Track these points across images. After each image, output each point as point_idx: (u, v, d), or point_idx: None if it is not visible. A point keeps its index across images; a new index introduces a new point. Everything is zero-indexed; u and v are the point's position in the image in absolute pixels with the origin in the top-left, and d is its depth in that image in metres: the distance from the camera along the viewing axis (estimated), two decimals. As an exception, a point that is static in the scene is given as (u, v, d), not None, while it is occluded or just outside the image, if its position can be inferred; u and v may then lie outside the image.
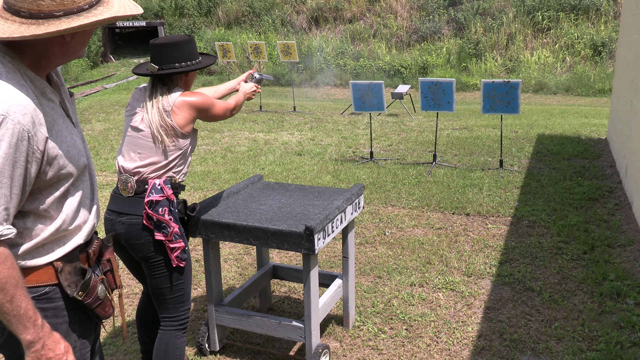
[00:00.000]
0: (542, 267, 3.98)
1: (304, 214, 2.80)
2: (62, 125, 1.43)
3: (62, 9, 1.29)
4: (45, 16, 1.28)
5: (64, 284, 1.48)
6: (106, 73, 18.83)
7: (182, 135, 2.38)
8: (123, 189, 2.36)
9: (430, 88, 6.65)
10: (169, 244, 2.35)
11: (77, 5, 1.31)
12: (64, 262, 1.48)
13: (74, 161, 1.45)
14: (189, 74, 2.47)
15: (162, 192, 2.34)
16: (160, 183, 2.35)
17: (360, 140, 8.53)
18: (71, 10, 1.31)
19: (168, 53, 2.37)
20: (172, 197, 2.37)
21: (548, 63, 15.35)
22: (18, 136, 1.27)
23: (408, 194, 5.75)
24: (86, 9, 1.33)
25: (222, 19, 19.90)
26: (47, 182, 1.40)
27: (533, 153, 7.32)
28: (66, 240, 1.49)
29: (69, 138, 1.45)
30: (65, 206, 1.47)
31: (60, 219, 1.46)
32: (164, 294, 2.43)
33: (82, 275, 1.53)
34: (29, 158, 1.31)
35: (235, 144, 8.43)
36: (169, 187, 2.36)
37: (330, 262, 4.19)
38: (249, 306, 3.59)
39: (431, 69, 16.07)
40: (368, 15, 18.43)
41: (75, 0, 1.31)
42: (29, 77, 1.37)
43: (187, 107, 2.36)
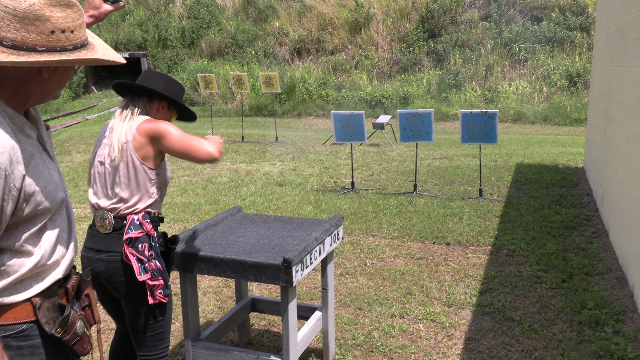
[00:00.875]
0: (521, 296, 3.99)
1: (282, 246, 2.79)
2: (39, 161, 1.43)
3: (46, 45, 1.31)
4: (27, 49, 1.30)
5: (42, 320, 1.45)
6: (88, 104, 18.79)
7: (145, 167, 2.27)
8: (100, 225, 2.29)
9: (409, 119, 6.75)
10: (149, 282, 2.28)
11: (61, 45, 1.34)
12: (42, 298, 1.46)
13: (51, 196, 1.44)
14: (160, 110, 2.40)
15: (141, 228, 2.27)
16: (139, 218, 2.28)
17: (342, 170, 8.58)
18: (54, 48, 1.33)
19: (156, 79, 2.37)
20: (152, 232, 2.30)
21: (526, 93, 15.69)
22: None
23: (389, 223, 5.77)
24: (70, 49, 1.35)
25: (205, 50, 20.09)
26: (24, 218, 1.39)
27: (512, 182, 7.41)
28: (44, 276, 1.47)
29: (47, 173, 1.45)
30: (42, 241, 1.45)
31: (38, 255, 1.44)
32: (143, 331, 2.36)
33: (61, 311, 1.50)
34: (5, 196, 1.31)
35: (217, 174, 8.41)
36: (148, 222, 2.30)
37: (310, 293, 4.15)
38: (228, 340, 3.53)
39: (412, 100, 16.32)
40: (349, 47, 18.75)
41: (60, 39, 1.33)
42: (7, 113, 1.38)
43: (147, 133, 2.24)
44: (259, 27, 20.04)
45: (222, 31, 20.19)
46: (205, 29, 20.24)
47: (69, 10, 1.35)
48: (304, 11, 19.73)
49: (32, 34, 1.30)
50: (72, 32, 1.36)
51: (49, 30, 1.32)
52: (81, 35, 1.39)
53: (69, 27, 1.35)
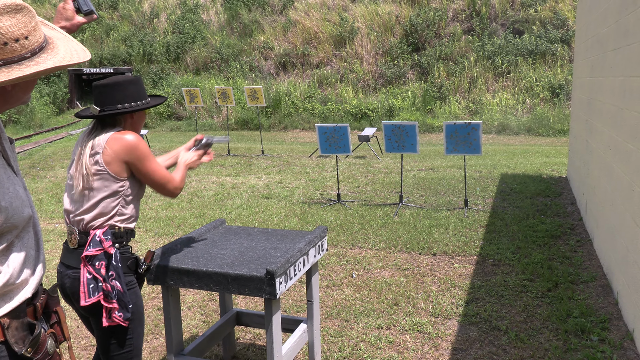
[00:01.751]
0: (507, 305, 3.99)
1: (265, 258, 2.76)
2: (3, 176, 1.38)
3: (2, 58, 1.23)
4: None
5: (11, 340, 1.40)
6: (72, 119, 18.65)
7: (115, 178, 2.20)
8: (69, 240, 2.25)
9: (394, 131, 6.77)
10: (104, 304, 2.18)
11: (17, 54, 1.25)
12: (10, 318, 1.40)
13: (17, 213, 1.39)
14: (134, 115, 2.34)
15: (100, 245, 2.19)
16: (99, 235, 2.20)
17: (328, 182, 8.57)
18: (11, 60, 1.24)
19: (110, 94, 2.25)
20: (111, 250, 2.20)
21: (509, 105, 15.87)
22: None
23: (375, 235, 5.76)
24: (28, 57, 1.27)
25: (190, 65, 20.09)
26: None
27: (497, 192, 7.46)
28: (13, 295, 1.42)
29: (12, 189, 1.39)
30: (10, 260, 1.40)
31: (6, 274, 1.39)
32: (111, 350, 2.28)
33: (30, 330, 1.45)
34: None
35: (202, 188, 8.36)
36: (107, 239, 2.20)
37: (296, 306, 4.11)
38: (212, 355, 3.48)
39: (397, 112, 16.43)
40: (335, 60, 18.87)
41: (15, 49, 1.25)
42: None
43: (117, 145, 2.17)
44: (244, 42, 20.11)
45: (207, 46, 20.22)
46: (191, 43, 20.25)
47: (19, 16, 1.25)
48: (288, 25, 19.84)
49: None
50: (27, 38, 1.26)
51: (1, 42, 1.23)
52: (37, 39, 1.30)
53: (22, 34, 1.25)
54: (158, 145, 13.45)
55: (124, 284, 2.24)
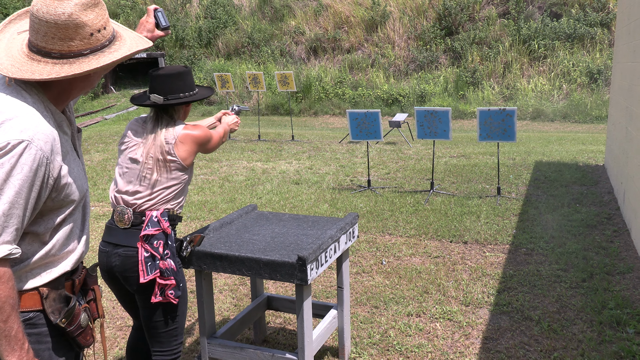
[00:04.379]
0: (540, 295, 3.93)
1: (297, 244, 2.78)
2: (71, 157, 1.53)
3: (89, 47, 1.43)
4: (75, 55, 1.41)
5: (48, 310, 1.50)
6: (107, 104, 19.00)
7: (183, 168, 2.37)
8: (119, 220, 2.32)
9: (426, 117, 6.69)
10: (159, 281, 2.29)
11: (100, 43, 1.45)
12: (49, 289, 1.51)
13: (78, 190, 1.53)
14: (189, 105, 2.49)
15: (158, 225, 2.31)
16: (157, 215, 2.31)
17: (358, 168, 8.54)
18: (96, 48, 1.44)
19: (173, 83, 2.38)
20: (169, 230, 2.33)
21: (545, 90, 15.48)
22: (39, 162, 1.36)
23: (405, 222, 5.73)
24: (107, 45, 1.46)
25: (221, 50, 20.18)
26: (51, 208, 1.47)
27: (531, 180, 7.32)
28: (53, 267, 1.52)
29: (76, 169, 1.54)
30: (58, 232, 1.52)
31: (50, 244, 1.50)
32: (157, 327, 2.38)
33: (66, 302, 1.55)
34: (43, 183, 1.39)
35: (233, 173, 8.44)
36: (165, 220, 2.33)
37: (326, 292, 4.14)
38: (243, 338, 3.54)
39: (429, 98, 16.21)
40: (366, 45, 18.68)
41: (99, 38, 1.44)
42: (51, 110, 1.47)
43: (191, 141, 2.37)
44: (275, 26, 20.07)
45: (239, 31, 20.26)
46: (222, 28, 20.33)
47: (97, 9, 1.44)
48: (320, 10, 19.70)
49: (76, 41, 1.40)
50: (105, 28, 1.46)
51: (89, 33, 1.42)
52: (110, 29, 1.49)
53: (101, 25, 1.45)
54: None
55: (179, 264, 2.37)
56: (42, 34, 1.38)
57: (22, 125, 1.35)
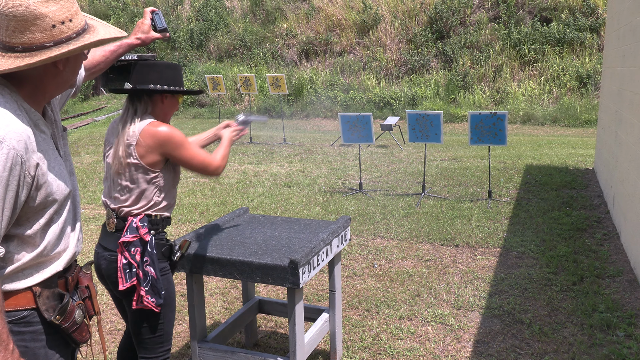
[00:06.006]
0: (531, 298, 3.94)
1: (289, 247, 2.77)
2: (51, 156, 1.51)
3: (52, 39, 1.41)
4: (37, 48, 1.39)
5: (42, 308, 1.51)
6: (97, 106, 18.89)
7: (147, 170, 2.21)
8: (107, 224, 2.30)
9: (418, 120, 6.71)
10: (138, 289, 2.22)
11: (65, 35, 1.42)
12: (42, 287, 1.52)
13: (60, 189, 1.51)
14: (165, 101, 2.30)
15: (136, 232, 2.22)
16: (136, 222, 2.23)
17: (350, 171, 8.54)
18: (60, 40, 1.41)
19: (146, 73, 2.25)
20: (146, 237, 2.23)
21: (535, 95, 15.58)
22: (12, 160, 1.34)
23: (397, 225, 5.73)
24: (74, 37, 1.44)
25: (213, 52, 20.13)
26: (35, 209, 1.46)
27: (521, 183, 7.35)
28: (45, 267, 1.53)
29: (57, 168, 1.52)
30: (48, 233, 1.51)
31: (42, 245, 1.50)
32: (142, 333, 2.33)
33: (60, 299, 1.56)
34: (20, 182, 1.38)
35: (224, 175, 8.41)
36: (144, 226, 2.23)
37: (318, 295, 4.13)
38: (235, 342, 3.51)
39: (420, 101, 16.26)
40: (358, 48, 18.72)
41: (63, 30, 1.41)
42: (25, 108, 1.45)
43: (151, 138, 2.17)
44: (267, 29, 20.07)
45: (230, 33, 20.23)
46: (214, 30, 20.29)
47: (62, 2, 1.42)
48: (311, 13, 19.73)
49: (37, 34, 1.39)
50: (71, 20, 1.43)
51: (50, 25, 1.39)
52: (80, 21, 1.46)
53: (66, 17, 1.42)
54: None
55: (158, 270, 2.27)
56: (4, 28, 1.37)
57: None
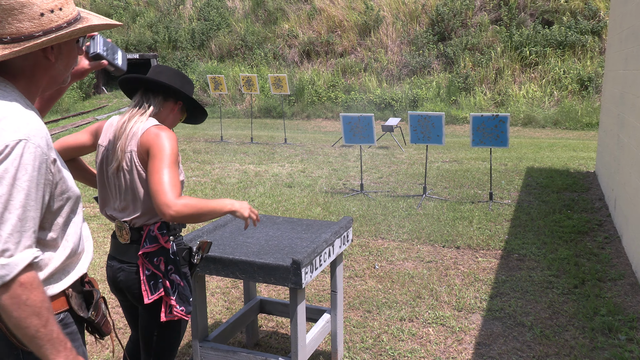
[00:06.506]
0: (532, 301, 3.94)
1: (291, 247, 2.77)
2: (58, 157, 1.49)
3: (41, 29, 1.35)
4: (26, 38, 1.34)
5: (75, 307, 1.52)
6: (98, 104, 18.88)
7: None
8: (119, 235, 2.16)
9: (420, 121, 6.71)
10: (166, 300, 2.13)
11: (55, 25, 1.36)
12: (72, 289, 1.53)
13: (73, 185, 1.50)
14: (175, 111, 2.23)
15: (156, 241, 2.10)
16: (154, 230, 2.10)
17: (351, 172, 8.54)
18: (50, 29, 1.35)
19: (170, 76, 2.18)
20: (168, 245, 2.12)
21: (536, 97, 15.59)
22: (40, 159, 1.32)
23: (398, 226, 5.73)
24: (65, 27, 1.38)
25: (214, 52, 20.13)
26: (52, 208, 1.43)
27: (522, 186, 7.35)
28: (72, 269, 1.53)
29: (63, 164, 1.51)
30: (68, 234, 1.49)
31: (68, 248, 1.49)
32: (153, 340, 2.26)
33: (86, 296, 1.58)
34: (46, 181, 1.36)
35: (226, 175, 8.41)
36: (163, 234, 2.12)
37: (319, 296, 4.12)
38: (236, 341, 3.51)
39: (421, 102, 16.26)
40: (359, 49, 18.72)
41: (52, 19, 1.36)
42: (29, 104, 1.41)
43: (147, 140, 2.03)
44: (268, 29, 20.07)
45: (232, 33, 20.23)
46: (215, 30, 20.28)
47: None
48: (313, 13, 19.73)
49: (25, 22, 1.32)
50: (61, 9, 1.37)
51: (38, 13, 1.33)
52: (71, 11, 1.41)
53: (56, 6, 1.36)
54: (182, 132, 13.56)
55: (183, 277, 2.17)
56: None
57: (14, 125, 1.30)
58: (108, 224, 5.96)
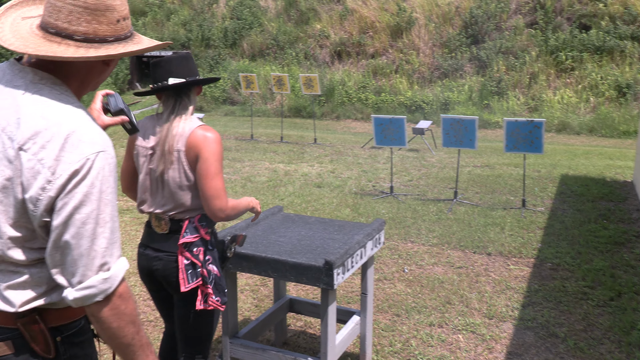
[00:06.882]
0: (566, 312, 3.84)
1: (323, 248, 2.76)
2: None
3: (114, 34, 1.35)
4: (100, 40, 1.33)
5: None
6: (132, 100, 19.21)
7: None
8: (157, 225, 2.22)
9: (453, 125, 6.62)
10: (203, 289, 2.19)
11: (123, 33, 1.38)
12: None
13: None
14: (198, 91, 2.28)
15: (197, 232, 2.18)
16: (195, 222, 2.19)
17: (380, 174, 8.49)
18: (119, 37, 1.36)
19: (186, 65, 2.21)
20: (207, 237, 2.21)
21: (571, 103, 15.25)
22: (115, 169, 1.35)
23: (428, 230, 5.67)
24: (129, 36, 1.40)
25: (246, 50, 20.28)
26: None
27: (556, 194, 7.20)
28: None
29: None
30: None
31: None
32: (191, 329, 2.31)
33: None
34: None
35: (256, 173, 8.46)
36: (203, 226, 2.20)
37: (347, 297, 4.11)
38: (264, 339, 3.52)
39: (453, 106, 16.08)
40: (390, 51, 18.63)
41: (122, 27, 1.37)
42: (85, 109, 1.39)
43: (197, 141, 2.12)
44: (300, 29, 20.12)
45: (264, 32, 20.34)
46: (248, 29, 20.43)
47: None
48: (345, 14, 19.70)
49: (103, 25, 1.32)
50: (126, 19, 1.38)
51: (115, 19, 1.34)
52: (130, 22, 1.42)
53: (126, 14, 1.38)
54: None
55: (220, 269, 2.26)
56: (65, 13, 1.28)
57: (88, 137, 1.28)
58: (140, 217, 6.05)
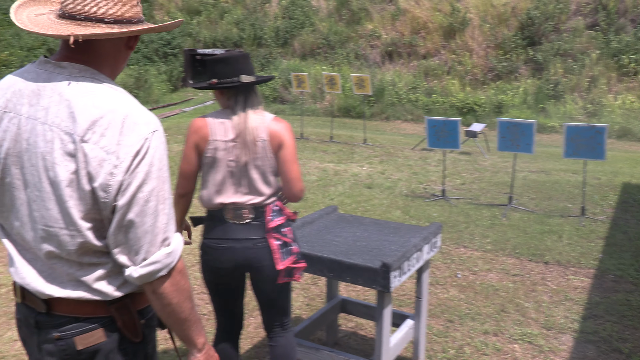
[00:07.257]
0: (630, 327, 3.66)
1: (379, 250, 2.72)
2: None
3: (136, 16, 1.40)
4: (127, 22, 1.38)
5: None
6: (185, 97, 19.67)
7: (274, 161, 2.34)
8: (235, 216, 2.30)
9: (509, 128, 6.44)
10: (295, 265, 2.37)
11: (140, 16, 1.43)
12: None
13: None
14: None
15: (281, 214, 2.37)
16: (278, 204, 2.37)
17: (432, 177, 8.36)
18: (140, 19, 1.42)
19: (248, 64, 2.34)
20: (293, 216, 2.43)
21: (634, 108, 14.59)
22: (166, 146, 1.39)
23: (481, 235, 5.53)
24: (143, 20, 1.44)
25: (297, 50, 20.40)
26: None
27: (618, 202, 6.89)
28: None
29: None
30: None
31: None
32: (280, 303, 2.49)
33: None
34: None
35: (305, 172, 8.48)
36: (285, 208, 2.40)
37: (399, 300, 4.05)
38: (315, 338, 3.51)
39: (506, 109, 15.67)
40: (443, 51, 18.33)
41: (140, 10, 1.43)
42: None
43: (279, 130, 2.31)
44: (351, 29, 20.07)
45: (315, 32, 20.41)
46: (299, 29, 20.55)
47: None
48: (397, 14, 19.53)
49: (127, 7, 1.36)
50: (139, 3, 1.44)
51: (136, 1, 1.40)
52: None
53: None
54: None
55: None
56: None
57: (142, 118, 1.32)
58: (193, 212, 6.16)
